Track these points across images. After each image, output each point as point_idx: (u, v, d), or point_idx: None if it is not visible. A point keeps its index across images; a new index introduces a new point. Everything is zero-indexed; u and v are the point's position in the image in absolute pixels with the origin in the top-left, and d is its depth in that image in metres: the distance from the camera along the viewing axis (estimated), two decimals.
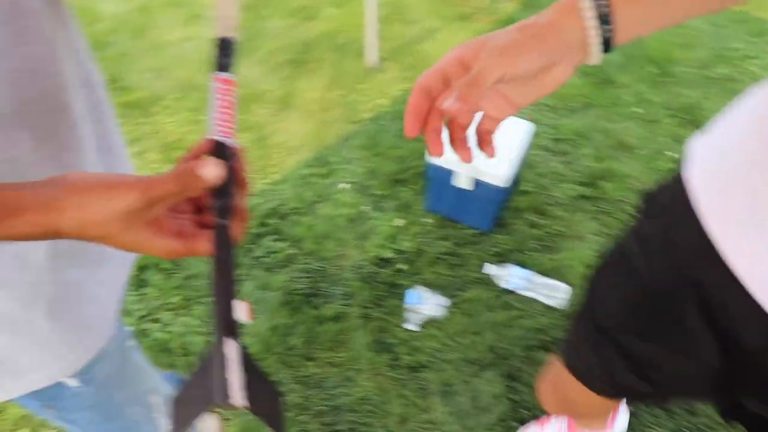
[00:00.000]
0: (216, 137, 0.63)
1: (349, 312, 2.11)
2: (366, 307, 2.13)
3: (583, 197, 2.52)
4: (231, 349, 0.56)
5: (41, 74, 0.72)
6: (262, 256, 2.28)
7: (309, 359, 2.00)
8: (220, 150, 0.62)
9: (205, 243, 0.62)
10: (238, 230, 0.63)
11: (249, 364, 0.57)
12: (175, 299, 2.17)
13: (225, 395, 0.54)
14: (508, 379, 1.96)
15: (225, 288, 0.58)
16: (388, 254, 2.27)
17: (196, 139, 2.78)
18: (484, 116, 0.72)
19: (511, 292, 2.17)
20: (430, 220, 2.40)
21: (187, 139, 2.79)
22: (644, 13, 0.67)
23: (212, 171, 0.59)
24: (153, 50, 3.30)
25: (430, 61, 3.12)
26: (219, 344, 0.56)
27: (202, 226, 0.65)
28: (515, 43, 0.64)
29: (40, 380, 0.88)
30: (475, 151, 0.72)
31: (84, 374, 0.93)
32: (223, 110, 0.64)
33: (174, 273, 2.25)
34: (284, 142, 2.74)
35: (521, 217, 2.42)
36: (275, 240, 2.34)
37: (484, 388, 1.94)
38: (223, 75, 0.66)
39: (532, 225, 2.40)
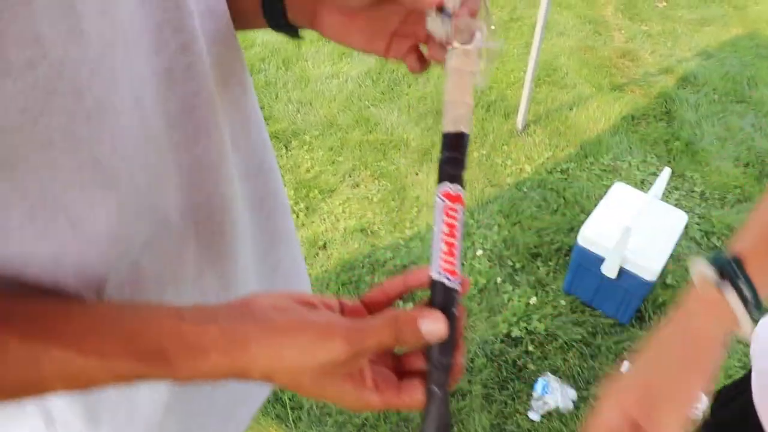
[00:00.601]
0: (438, 276, 0.50)
1: (471, 390, 2.00)
2: (488, 387, 2.01)
3: None
4: None
5: (212, 172, 0.65)
6: None
7: None
8: (442, 295, 0.50)
9: (408, 398, 0.51)
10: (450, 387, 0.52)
11: None
12: None
13: None
14: None
15: None
16: (518, 333, 2.15)
17: (330, 180, 2.75)
18: None
19: None
20: (564, 302, 2.27)
21: (321, 179, 2.76)
22: None
23: (436, 328, 0.49)
24: (299, 83, 3.32)
25: (577, 129, 3.01)
26: None
27: (402, 373, 0.54)
28: (686, 379, 0.61)
29: None
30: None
31: None
32: (447, 238, 0.51)
33: None
34: (421, 197, 2.67)
35: (662, 312, 2.27)
36: (401, 299, 2.25)
37: None
38: (449, 188, 0.51)
39: None
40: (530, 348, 2.13)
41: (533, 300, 2.26)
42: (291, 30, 0.73)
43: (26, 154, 0.45)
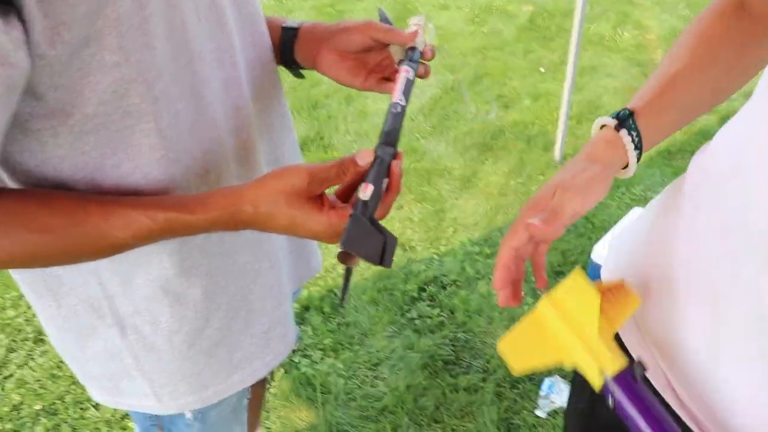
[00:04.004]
0: (392, 101, 0.85)
1: (483, 386, 2.20)
2: (500, 386, 2.21)
3: None
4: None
5: (253, 153, 0.95)
6: (414, 318, 2.44)
7: (436, 422, 2.11)
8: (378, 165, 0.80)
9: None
10: (387, 202, 0.81)
11: (363, 225, 0.75)
12: (327, 341, 2.37)
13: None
14: None
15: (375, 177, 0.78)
16: None
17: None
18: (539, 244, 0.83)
19: None
20: None
21: None
22: (661, 130, 0.86)
23: (365, 158, 0.78)
24: (358, 116, 3.61)
25: None
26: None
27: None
28: (586, 182, 0.77)
29: (167, 408, 1.05)
30: None
31: (201, 412, 1.08)
32: (398, 84, 0.87)
33: (331, 318, 2.46)
34: (458, 218, 2.91)
35: None
36: (430, 306, 2.49)
37: None
38: (405, 66, 0.90)
39: None
40: None
41: None
42: (296, 66, 1.05)
43: (115, 119, 0.73)
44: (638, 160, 0.83)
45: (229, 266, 0.96)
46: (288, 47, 1.01)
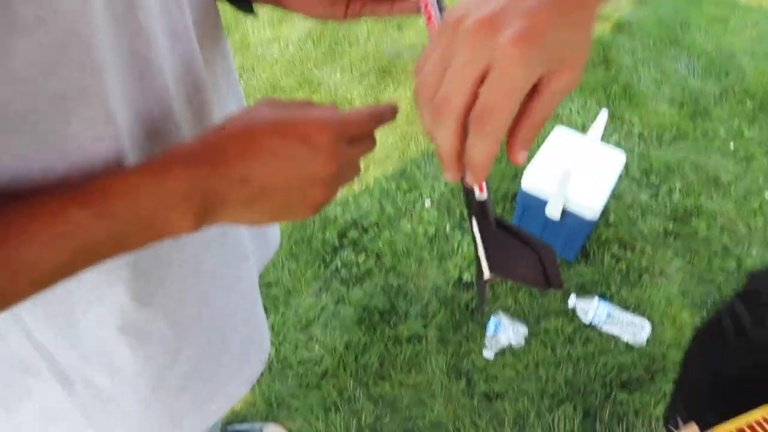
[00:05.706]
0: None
1: (426, 334, 2.07)
2: (443, 330, 2.08)
3: (670, 233, 2.44)
4: (475, 228, 0.55)
5: (209, 124, 0.69)
6: (339, 269, 2.26)
7: (382, 378, 1.96)
8: None
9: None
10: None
11: (498, 235, 0.55)
12: None
13: (481, 272, 0.53)
14: (585, 416, 1.90)
15: None
16: (469, 277, 2.22)
17: None
18: None
19: (592, 326, 2.11)
20: None
21: None
22: None
23: None
24: (240, 50, 3.31)
25: None
26: (470, 225, 0.56)
27: None
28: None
29: None
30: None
31: None
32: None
33: None
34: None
35: (605, 249, 2.35)
36: (354, 253, 2.31)
37: (559, 423, 1.88)
38: None
39: (616, 258, 2.33)
40: None
41: None
42: (245, 4, 0.76)
43: (43, 107, 0.47)
44: None
45: (196, 271, 0.73)
46: None
